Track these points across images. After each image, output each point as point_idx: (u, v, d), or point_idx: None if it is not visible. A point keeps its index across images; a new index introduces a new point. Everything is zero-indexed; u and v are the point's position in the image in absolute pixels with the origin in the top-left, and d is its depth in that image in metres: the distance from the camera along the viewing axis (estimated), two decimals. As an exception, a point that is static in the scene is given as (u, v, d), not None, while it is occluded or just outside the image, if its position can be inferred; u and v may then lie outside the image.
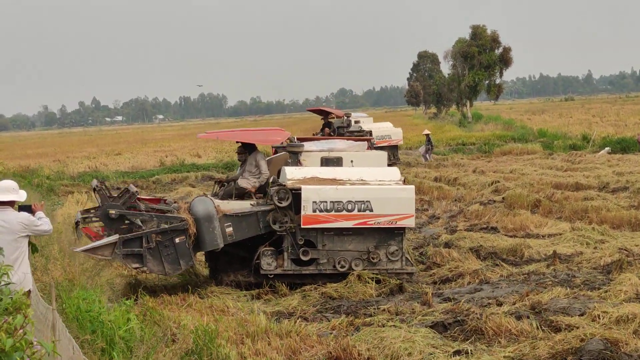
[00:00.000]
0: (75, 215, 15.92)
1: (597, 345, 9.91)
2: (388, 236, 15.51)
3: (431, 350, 10.53)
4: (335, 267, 15.39)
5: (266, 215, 15.26)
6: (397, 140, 39.66)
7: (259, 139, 17.31)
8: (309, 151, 16.40)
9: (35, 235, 10.39)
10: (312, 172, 15.62)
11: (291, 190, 15.12)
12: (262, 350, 10.44)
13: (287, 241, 15.28)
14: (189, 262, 15.00)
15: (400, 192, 15.37)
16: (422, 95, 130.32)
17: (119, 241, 14.39)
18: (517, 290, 14.03)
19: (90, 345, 9.20)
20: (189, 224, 14.84)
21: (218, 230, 14.99)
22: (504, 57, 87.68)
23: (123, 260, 14.53)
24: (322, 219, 15.06)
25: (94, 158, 57.05)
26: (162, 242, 14.69)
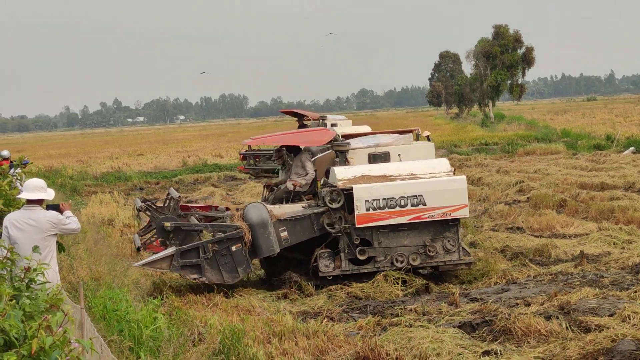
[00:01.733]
0: (132, 238, 16.07)
1: (629, 346, 9.79)
2: (443, 228, 15.45)
3: (460, 350, 10.43)
4: (393, 264, 15.31)
5: (319, 217, 15.24)
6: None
7: (304, 141, 17.31)
8: (356, 148, 16.28)
9: (63, 233, 10.38)
10: (361, 171, 15.56)
11: (343, 191, 15.07)
12: (290, 350, 10.39)
13: (342, 242, 15.24)
14: (247, 269, 15.11)
15: (451, 183, 15.31)
16: (443, 95, 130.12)
17: (176, 253, 14.50)
18: (545, 290, 13.87)
19: (118, 345, 9.16)
20: (244, 231, 14.90)
21: (273, 235, 15.03)
22: (527, 57, 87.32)
23: (181, 271, 14.61)
24: (376, 217, 15.00)
25: (116, 158, 57.27)
26: (219, 251, 14.80)
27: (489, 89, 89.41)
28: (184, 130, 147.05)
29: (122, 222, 22.96)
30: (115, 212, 24.50)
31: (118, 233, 21.38)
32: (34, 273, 5.20)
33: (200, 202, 29.73)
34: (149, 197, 28.06)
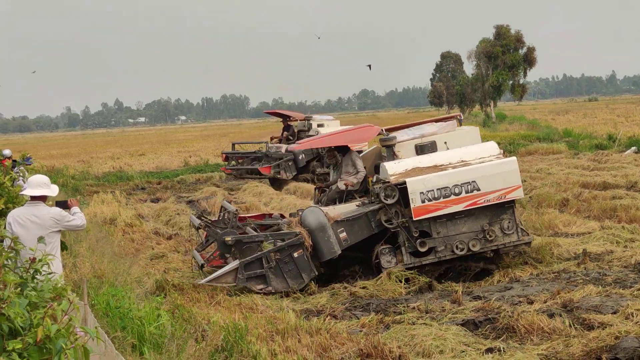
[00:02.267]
0: (193, 257, 16.24)
1: (632, 343, 9.79)
2: (500, 211, 15.51)
3: (463, 347, 10.45)
4: (453, 252, 15.37)
5: (376, 214, 15.27)
6: (361, 146, 37.50)
7: (351, 140, 17.35)
8: (402, 141, 16.25)
9: (68, 230, 10.38)
10: (412, 164, 15.52)
11: (396, 186, 15.09)
12: (293, 347, 10.39)
13: (402, 236, 15.25)
14: (311, 273, 15.11)
15: (503, 165, 15.37)
16: (445, 95, 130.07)
17: (240, 266, 14.61)
18: (548, 288, 13.86)
19: (121, 342, 9.16)
20: (304, 236, 15.00)
21: (333, 237, 15.11)
22: (528, 57, 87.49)
23: (247, 283, 14.69)
24: (432, 207, 15.03)
25: (117, 158, 57.34)
26: (282, 259, 14.89)
27: (491, 89, 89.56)
28: (185, 130, 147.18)
29: (124, 222, 22.93)
30: (117, 212, 24.48)
31: (120, 232, 21.38)
32: (39, 264, 5.20)
33: (202, 201, 29.83)
34: (197, 208, 28.05)
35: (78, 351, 4.10)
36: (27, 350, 3.99)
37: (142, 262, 17.12)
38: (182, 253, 18.81)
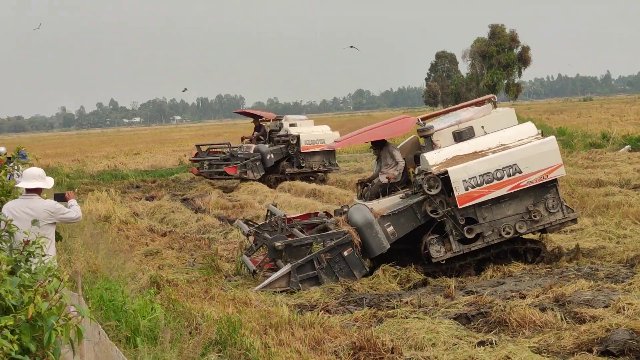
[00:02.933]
0: (243, 262, 16.38)
1: (623, 335, 9.87)
2: (543, 191, 15.64)
3: (455, 341, 10.52)
4: (501, 235, 15.49)
5: (421, 205, 15.38)
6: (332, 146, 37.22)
7: (389, 133, 17.36)
8: (440, 130, 16.29)
9: (62, 222, 10.42)
10: (451, 152, 15.59)
11: (439, 176, 15.18)
12: (286, 341, 10.44)
13: (448, 225, 15.35)
14: (362, 270, 15.24)
15: (542, 146, 15.48)
16: (440, 95, 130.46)
17: (292, 270, 14.74)
18: (540, 283, 13.93)
19: (115, 334, 9.20)
20: (352, 235, 15.11)
21: (381, 233, 15.21)
22: (523, 56, 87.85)
23: (300, 285, 14.78)
24: (476, 194, 15.13)
25: (112, 157, 57.30)
26: (332, 258, 15.02)
27: (485, 88, 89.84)
28: (180, 130, 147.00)
29: (119, 219, 23.00)
30: (112, 209, 24.52)
31: (115, 229, 21.42)
32: (33, 246, 5.25)
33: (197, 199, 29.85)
34: (192, 205, 28.13)
35: (71, 330, 4.15)
36: (19, 327, 4.04)
37: (137, 259, 17.16)
38: (176, 250, 18.87)
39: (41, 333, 4.04)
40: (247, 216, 24.22)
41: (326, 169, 35.70)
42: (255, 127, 37.75)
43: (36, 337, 4.07)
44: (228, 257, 17.83)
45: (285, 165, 34.89)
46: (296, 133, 34.87)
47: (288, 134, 34.93)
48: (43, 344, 4.04)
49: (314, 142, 35.11)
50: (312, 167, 35.16)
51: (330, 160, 35.91)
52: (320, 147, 35.13)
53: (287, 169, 34.74)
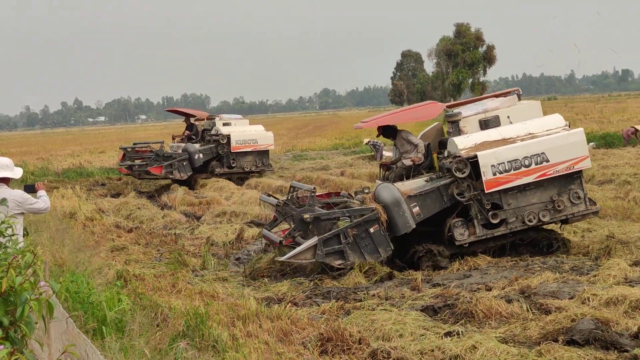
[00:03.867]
0: (265, 235, 16.69)
1: (588, 325, 9.97)
2: (568, 181, 15.82)
3: (422, 332, 10.57)
4: (524, 223, 15.65)
5: (447, 188, 15.54)
6: (267, 145, 35.83)
7: (416, 117, 17.67)
8: (467, 117, 16.39)
9: (30, 212, 10.38)
10: (481, 138, 15.77)
11: (468, 160, 15.32)
12: (254, 332, 10.43)
13: (474, 208, 15.52)
14: (387, 248, 15.32)
15: (570, 137, 15.70)
16: (405, 94, 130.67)
17: (319, 242, 14.76)
18: (506, 275, 14.08)
19: (83, 325, 9.17)
20: (379, 212, 15.17)
21: (407, 212, 15.33)
22: (488, 55, 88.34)
23: (326, 259, 14.86)
24: (503, 180, 15.32)
25: (77, 156, 56.93)
26: (358, 234, 15.06)
27: (451, 87, 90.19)
28: (146, 129, 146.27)
29: (85, 216, 22.87)
30: (78, 206, 24.38)
31: (80, 225, 21.31)
32: (2, 225, 5.23)
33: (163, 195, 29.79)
34: (158, 202, 28.12)
35: (42, 305, 4.15)
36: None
37: (103, 254, 17.06)
38: (142, 245, 18.79)
39: (14, 308, 4.04)
40: (214, 212, 24.23)
41: (259, 169, 35.10)
42: (186, 126, 36.88)
43: (9, 311, 4.07)
44: (194, 252, 17.85)
45: (215, 165, 34.29)
46: (227, 132, 34.27)
47: (218, 134, 34.31)
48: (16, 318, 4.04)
49: (245, 142, 34.53)
50: (244, 167, 34.58)
51: (264, 160, 35.43)
52: (252, 147, 34.69)
53: (217, 169, 34.18)
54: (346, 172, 34.43)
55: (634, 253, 15.22)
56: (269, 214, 21.07)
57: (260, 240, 18.82)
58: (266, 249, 17.74)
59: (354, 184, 29.35)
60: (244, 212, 23.81)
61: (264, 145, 35.33)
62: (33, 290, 4.14)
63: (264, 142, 35.43)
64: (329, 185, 30.61)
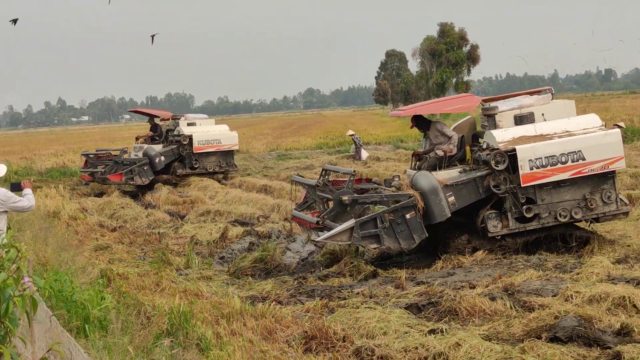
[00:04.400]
0: (296, 216, 16.82)
1: (571, 322, 10.02)
2: (601, 181, 15.90)
3: (406, 329, 10.59)
4: (556, 219, 15.77)
5: (483, 179, 15.70)
6: (231, 145, 35.26)
7: (452, 109, 17.85)
8: (502, 111, 16.49)
9: (14, 211, 10.35)
10: (518, 132, 15.91)
11: (506, 153, 15.47)
12: (238, 330, 10.43)
13: (509, 201, 15.64)
14: (422, 235, 15.47)
15: (607, 137, 15.78)
16: (390, 93, 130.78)
17: (355, 225, 14.91)
18: (490, 273, 14.12)
19: (66, 324, 9.13)
20: (416, 199, 15.31)
21: (444, 200, 15.48)
22: (472, 55, 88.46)
23: (361, 242, 15.08)
24: (540, 175, 15.45)
25: (61, 155, 56.68)
26: (395, 220, 15.23)
27: (435, 86, 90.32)
28: (130, 128, 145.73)
29: (68, 215, 22.79)
30: (61, 205, 24.31)
31: (64, 225, 21.24)
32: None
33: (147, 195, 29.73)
34: (142, 201, 28.06)
35: (27, 301, 4.14)
36: (-25, 299, 4.01)
37: (86, 253, 16.99)
38: (126, 244, 18.76)
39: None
40: (199, 211, 24.21)
41: (223, 169, 34.69)
42: (150, 127, 36.28)
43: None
44: (179, 251, 17.83)
45: (177, 166, 33.82)
46: (189, 133, 33.76)
47: (180, 134, 33.79)
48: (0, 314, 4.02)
49: (208, 142, 34.00)
50: (207, 168, 34.04)
51: (228, 161, 35.00)
52: (216, 148, 34.24)
53: (179, 170, 33.74)
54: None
55: (617, 251, 15.34)
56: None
57: (244, 239, 18.85)
58: (250, 247, 17.78)
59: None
60: (228, 211, 23.82)
61: (227, 145, 34.90)
62: (17, 286, 4.13)
63: (228, 142, 34.95)
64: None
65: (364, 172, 31.97)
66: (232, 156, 35.53)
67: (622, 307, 10.98)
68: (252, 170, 39.43)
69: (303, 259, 17.10)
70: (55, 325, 6.91)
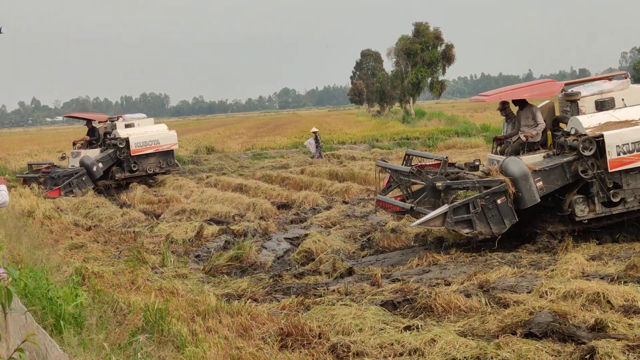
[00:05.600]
0: (382, 201, 17.13)
1: (546, 318, 10.07)
2: None
3: (382, 326, 10.61)
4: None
5: (570, 165, 15.87)
6: (170, 145, 34.85)
7: (536, 94, 17.69)
8: (585, 96, 16.62)
9: None
10: (604, 118, 16.09)
11: (594, 139, 15.63)
12: (214, 328, 10.42)
13: (595, 186, 15.78)
14: (512, 220, 15.75)
15: None
16: (365, 93, 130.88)
17: (449, 210, 15.22)
18: (465, 270, 14.18)
19: (41, 321, 9.09)
20: (507, 184, 15.53)
21: (534, 186, 15.66)
22: (447, 54, 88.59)
23: (454, 227, 15.35)
24: (627, 160, 15.66)
25: (35, 155, 56.52)
26: (486, 205, 15.50)
27: (410, 86, 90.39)
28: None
29: (43, 214, 22.69)
30: (36, 204, 24.22)
31: (38, 224, 21.14)
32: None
33: (122, 194, 29.65)
34: (117, 201, 27.96)
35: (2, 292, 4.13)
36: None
37: (61, 252, 16.91)
38: (101, 243, 18.69)
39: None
40: (174, 210, 24.20)
41: (163, 170, 34.50)
42: (87, 131, 35.49)
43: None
44: (154, 250, 17.79)
45: (115, 170, 33.17)
46: (125, 136, 33.12)
47: (117, 137, 33.12)
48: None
49: (146, 143, 33.41)
50: (147, 170, 33.79)
51: (168, 160, 34.58)
52: (154, 149, 33.79)
53: (117, 174, 33.10)
54: (306, 170, 34.36)
55: (592, 248, 15.45)
56: None
57: (220, 238, 18.82)
58: (226, 246, 17.76)
59: (314, 182, 29.40)
60: (204, 210, 23.82)
61: (166, 145, 34.46)
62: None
63: (167, 142, 34.54)
64: (288, 183, 30.62)
65: (339, 171, 32.02)
66: (173, 156, 35.15)
67: (597, 303, 11.04)
68: (227, 170, 39.45)
69: (279, 257, 17.12)
70: (30, 321, 6.90)
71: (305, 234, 18.96)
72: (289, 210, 24.28)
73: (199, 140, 67.56)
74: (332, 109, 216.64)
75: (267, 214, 23.50)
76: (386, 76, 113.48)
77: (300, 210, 23.85)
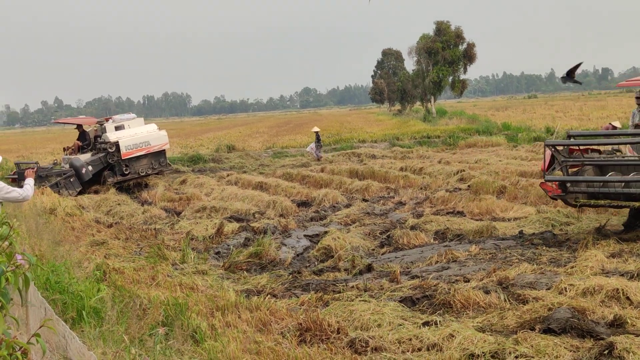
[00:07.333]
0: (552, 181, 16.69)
1: (565, 314, 10.06)
2: None
3: (400, 321, 10.62)
4: None
5: None
6: (161, 145, 34.41)
7: None
8: None
9: (6, 201, 10.36)
10: None
11: None
12: (233, 322, 10.46)
13: None
14: None
15: None
16: (386, 92, 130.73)
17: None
18: (484, 267, 14.16)
19: (61, 315, 9.17)
20: None
21: None
22: (468, 53, 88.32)
23: None
24: None
25: (58, 154, 56.72)
26: None
27: (431, 84, 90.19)
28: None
29: (64, 211, 22.81)
30: (58, 202, 24.34)
31: (60, 221, 21.24)
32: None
33: (143, 192, 29.73)
34: (139, 199, 28.02)
35: (19, 278, 4.16)
36: (-34, 274, 4.03)
37: (83, 248, 17.02)
38: (122, 240, 18.77)
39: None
40: (195, 207, 24.30)
41: (156, 170, 34.21)
42: (78, 136, 35.06)
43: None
44: (174, 247, 17.86)
45: (107, 174, 32.41)
46: (115, 140, 32.48)
47: (106, 142, 32.51)
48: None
49: (136, 146, 32.87)
50: (139, 172, 33.27)
51: (160, 161, 34.15)
52: (145, 150, 33.25)
53: (109, 179, 32.33)
54: (326, 169, 34.44)
55: (612, 245, 15.36)
56: None
57: (240, 235, 18.88)
58: (246, 243, 17.81)
59: (334, 180, 29.47)
60: (224, 208, 23.90)
61: (157, 145, 34.02)
62: (9, 262, 4.15)
63: (158, 142, 34.08)
64: (308, 181, 30.70)
65: (360, 169, 32.04)
66: (165, 156, 34.76)
67: (616, 300, 11.03)
68: (248, 168, 39.57)
69: (298, 254, 17.14)
70: (50, 314, 6.95)
71: (324, 231, 18.99)
72: (309, 208, 24.34)
73: (220, 138, 67.75)
74: (353, 108, 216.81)
75: (287, 211, 23.56)
76: (407, 75, 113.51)
77: (320, 208, 23.92)
